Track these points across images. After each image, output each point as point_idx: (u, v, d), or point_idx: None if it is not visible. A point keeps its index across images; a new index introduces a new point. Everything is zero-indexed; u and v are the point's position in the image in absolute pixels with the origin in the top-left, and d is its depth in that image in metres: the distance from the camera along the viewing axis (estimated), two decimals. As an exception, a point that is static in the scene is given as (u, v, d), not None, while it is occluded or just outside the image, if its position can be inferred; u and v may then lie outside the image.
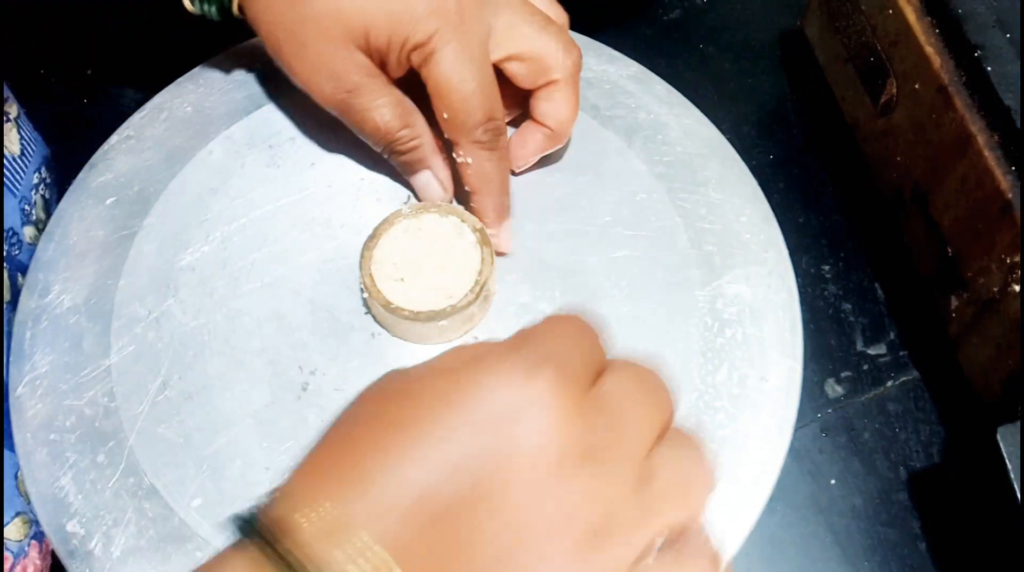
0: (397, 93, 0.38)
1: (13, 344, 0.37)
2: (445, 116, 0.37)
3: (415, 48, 0.36)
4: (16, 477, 0.39)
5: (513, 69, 0.39)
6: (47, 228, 0.40)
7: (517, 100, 0.40)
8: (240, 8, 0.39)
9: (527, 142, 0.40)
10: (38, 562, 0.41)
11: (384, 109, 0.37)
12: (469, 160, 0.37)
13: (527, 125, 0.40)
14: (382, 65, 0.38)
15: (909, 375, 0.44)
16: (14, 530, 0.39)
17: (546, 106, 0.39)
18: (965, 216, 0.39)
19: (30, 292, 0.39)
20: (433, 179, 0.39)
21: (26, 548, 0.40)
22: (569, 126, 0.40)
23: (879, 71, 0.44)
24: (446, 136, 0.38)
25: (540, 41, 0.38)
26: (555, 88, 0.39)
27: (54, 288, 0.39)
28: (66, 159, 0.43)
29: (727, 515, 0.34)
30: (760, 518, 0.34)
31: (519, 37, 0.38)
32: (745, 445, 0.35)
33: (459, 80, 0.36)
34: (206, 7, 0.40)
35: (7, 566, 0.39)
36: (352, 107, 0.38)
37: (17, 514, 0.40)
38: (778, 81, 0.53)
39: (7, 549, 0.39)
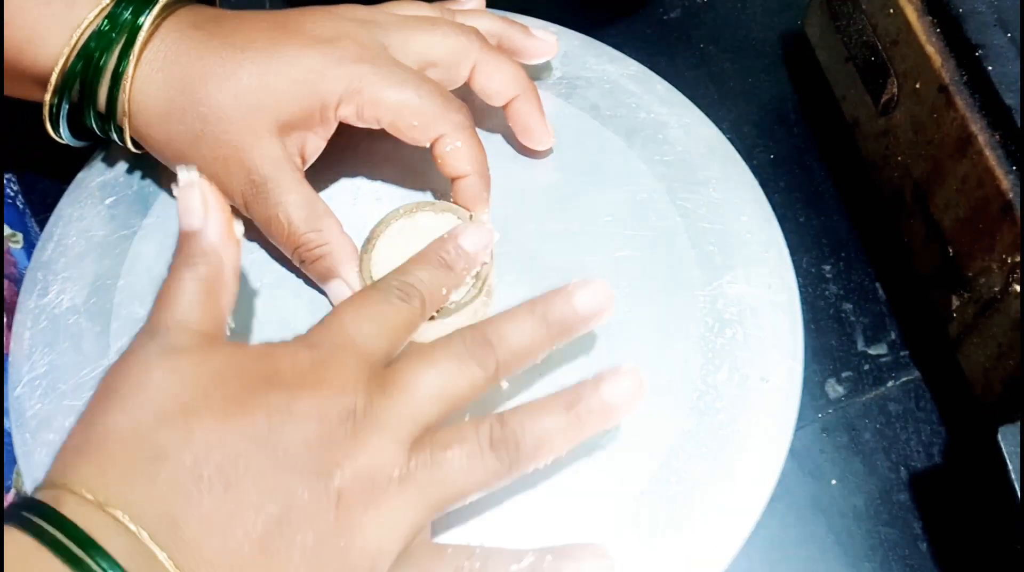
0: (309, 192, 0.36)
1: (12, 344, 0.37)
2: (415, 124, 0.36)
3: (339, 106, 0.36)
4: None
5: (431, 77, 0.38)
6: (46, 228, 0.40)
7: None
8: (133, 139, 0.38)
9: (512, 119, 0.41)
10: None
11: (292, 207, 0.36)
12: (459, 144, 0.37)
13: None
14: (303, 136, 0.37)
15: (910, 375, 0.44)
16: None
17: (485, 82, 0.39)
18: (966, 216, 0.39)
19: (29, 292, 0.38)
20: (346, 289, 0.37)
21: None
22: (516, 81, 0.40)
23: (880, 70, 0.44)
24: (428, 143, 0.37)
25: (438, 41, 0.38)
26: (479, 70, 0.39)
27: (53, 288, 0.38)
28: (64, 159, 0.43)
29: (728, 515, 0.34)
30: (761, 519, 0.34)
31: (418, 49, 0.38)
32: (745, 445, 0.35)
33: (401, 98, 0.36)
34: (102, 125, 0.38)
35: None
36: (259, 201, 0.36)
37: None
38: (779, 80, 0.53)
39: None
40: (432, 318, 0.35)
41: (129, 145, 0.38)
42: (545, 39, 0.43)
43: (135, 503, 0.26)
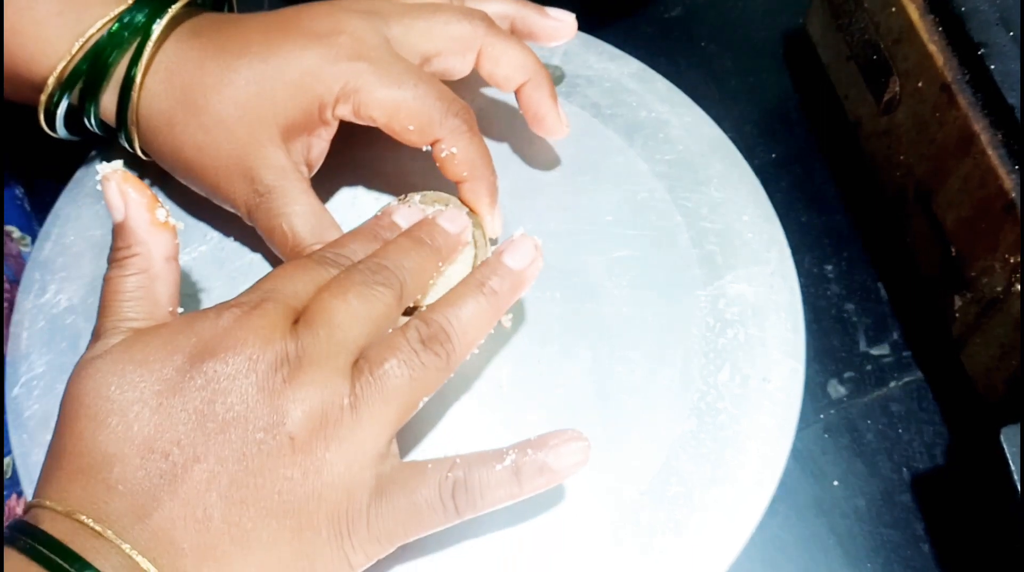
0: (315, 203, 0.36)
1: (10, 344, 0.37)
2: (411, 128, 0.36)
3: (336, 103, 0.35)
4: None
5: (436, 68, 0.38)
6: (44, 227, 0.40)
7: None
8: (142, 149, 0.38)
9: (524, 106, 0.40)
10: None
11: (297, 218, 0.35)
12: (454, 150, 0.36)
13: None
14: (307, 141, 0.36)
15: (912, 376, 0.43)
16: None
17: (492, 68, 0.39)
18: (968, 215, 0.39)
19: (27, 292, 0.38)
20: None
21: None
22: (525, 67, 0.39)
23: (882, 69, 0.43)
24: (424, 147, 0.37)
25: (440, 30, 0.37)
26: (485, 55, 0.38)
27: (51, 288, 0.38)
28: (63, 158, 0.42)
29: (729, 516, 0.33)
30: (762, 519, 0.34)
31: (420, 39, 0.37)
32: (747, 446, 0.35)
33: (397, 98, 0.35)
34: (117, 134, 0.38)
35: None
36: (262, 211, 0.36)
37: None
38: (780, 79, 0.53)
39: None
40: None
41: (140, 154, 0.38)
42: (562, 19, 0.41)
43: (100, 507, 0.27)
